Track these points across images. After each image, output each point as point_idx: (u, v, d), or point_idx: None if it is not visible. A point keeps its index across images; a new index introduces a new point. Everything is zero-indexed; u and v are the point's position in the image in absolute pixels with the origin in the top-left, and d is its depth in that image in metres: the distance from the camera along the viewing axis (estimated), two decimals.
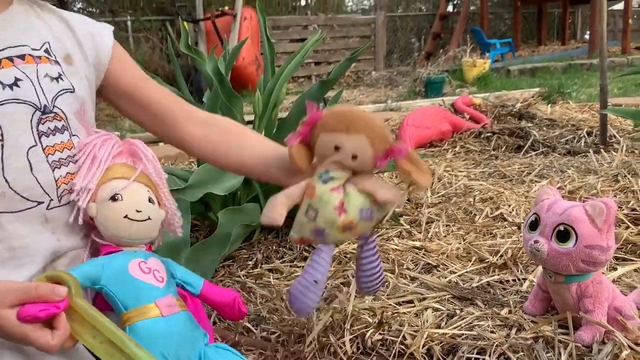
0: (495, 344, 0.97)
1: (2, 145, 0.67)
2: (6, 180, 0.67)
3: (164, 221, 0.79)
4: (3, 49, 0.69)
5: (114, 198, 0.72)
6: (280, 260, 1.48)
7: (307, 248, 1.55)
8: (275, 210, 0.73)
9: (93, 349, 0.61)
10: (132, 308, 0.68)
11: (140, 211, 0.73)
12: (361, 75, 8.37)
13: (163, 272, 0.73)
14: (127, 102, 0.87)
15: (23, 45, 0.71)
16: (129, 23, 7.63)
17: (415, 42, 10.59)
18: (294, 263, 1.47)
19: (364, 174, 0.74)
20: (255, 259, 1.50)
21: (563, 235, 0.95)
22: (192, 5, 6.66)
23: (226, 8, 6.34)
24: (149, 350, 0.61)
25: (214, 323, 1.19)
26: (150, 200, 0.75)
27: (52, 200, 0.71)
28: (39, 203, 0.70)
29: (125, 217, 0.72)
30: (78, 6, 8.90)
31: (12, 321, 0.58)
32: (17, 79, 0.69)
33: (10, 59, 0.69)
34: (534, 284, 1.13)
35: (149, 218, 0.74)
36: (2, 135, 0.67)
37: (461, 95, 3.07)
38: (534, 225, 1.01)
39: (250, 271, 1.44)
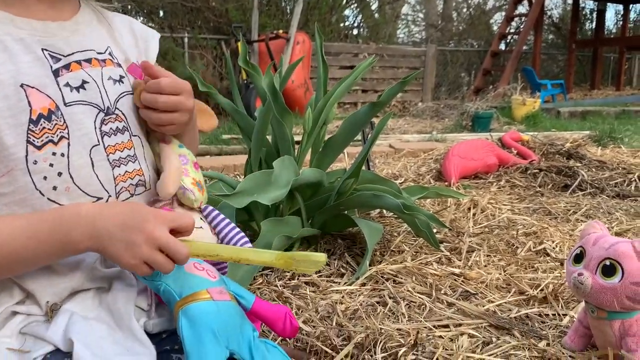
0: None
1: (69, 144, 0.71)
2: (71, 176, 0.71)
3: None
4: (72, 53, 0.74)
5: None
6: (317, 274, 1.50)
7: (344, 265, 1.56)
8: None
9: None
10: (185, 295, 0.72)
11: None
12: (408, 105, 8.40)
13: (216, 274, 0.77)
14: None
15: (89, 50, 0.76)
16: (185, 39, 7.90)
17: (464, 76, 10.57)
18: (331, 278, 1.48)
19: None
20: (292, 271, 1.52)
21: (609, 269, 0.94)
22: (248, 27, 6.87)
23: (280, 31, 6.50)
24: (200, 328, 0.65)
25: None
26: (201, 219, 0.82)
27: (110, 196, 0.75)
28: (98, 199, 0.74)
29: None
30: (139, 20, 9.29)
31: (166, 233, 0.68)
32: (84, 82, 0.73)
33: (78, 62, 0.74)
34: (575, 319, 1.11)
35: (201, 227, 0.79)
36: (68, 134, 0.71)
37: (510, 131, 3.04)
38: (578, 258, 1.00)
39: (288, 282, 1.46)
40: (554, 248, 1.57)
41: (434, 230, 1.76)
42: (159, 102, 0.77)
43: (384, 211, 1.98)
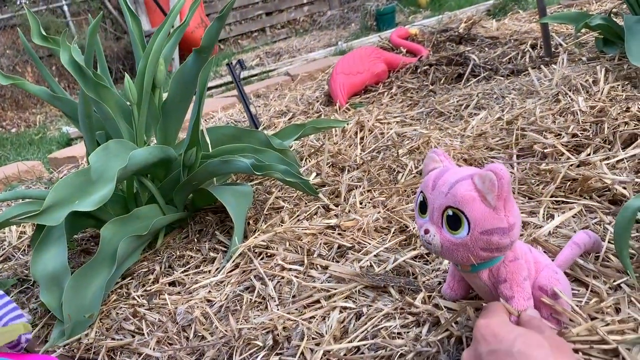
0: (399, 354, 0.79)
1: None
2: None
3: None
4: None
5: None
6: (184, 268, 1.28)
7: (216, 247, 1.35)
8: None
9: None
10: None
11: None
12: (317, 17, 7.95)
13: None
14: None
15: None
16: (65, 7, 7.19)
17: None
18: (200, 269, 1.27)
19: None
20: (155, 272, 1.30)
21: (453, 221, 0.73)
22: None
23: None
24: None
25: None
26: None
27: None
28: None
29: None
30: None
31: None
32: None
33: None
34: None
35: None
36: None
37: (396, 28, 2.78)
38: (424, 208, 0.79)
39: (150, 288, 1.24)
40: None
41: (313, 175, 1.56)
42: None
43: None
